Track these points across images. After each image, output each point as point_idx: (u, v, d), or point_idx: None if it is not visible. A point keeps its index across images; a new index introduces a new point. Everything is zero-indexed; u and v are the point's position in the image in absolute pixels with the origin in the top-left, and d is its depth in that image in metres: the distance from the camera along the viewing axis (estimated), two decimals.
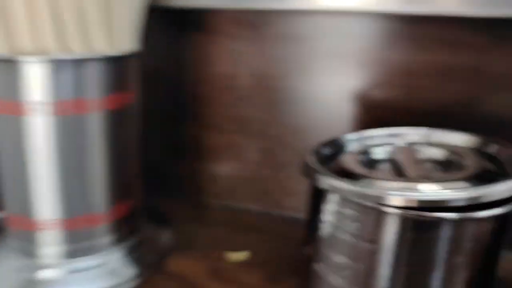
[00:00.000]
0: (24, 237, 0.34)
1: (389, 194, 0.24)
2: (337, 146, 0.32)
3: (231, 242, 0.41)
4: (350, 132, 0.34)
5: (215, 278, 0.36)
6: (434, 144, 0.32)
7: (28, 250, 0.34)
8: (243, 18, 0.41)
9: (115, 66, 0.32)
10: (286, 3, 0.37)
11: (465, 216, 0.24)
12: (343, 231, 0.27)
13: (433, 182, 0.26)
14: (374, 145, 0.33)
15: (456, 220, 0.24)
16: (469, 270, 0.26)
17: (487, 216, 0.24)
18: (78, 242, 0.34)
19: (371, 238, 0.26)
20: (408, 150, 0.31)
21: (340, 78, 0.40)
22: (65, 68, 0.30)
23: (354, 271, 0.27)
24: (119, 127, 0.34)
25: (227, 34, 0.41)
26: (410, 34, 0.37)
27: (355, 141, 0.33)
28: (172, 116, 0.46)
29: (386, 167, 0.31)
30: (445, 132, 0.33)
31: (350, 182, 0.26)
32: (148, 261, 0.37)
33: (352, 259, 0.27)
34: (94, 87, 0.31)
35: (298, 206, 0.40)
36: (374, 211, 0.25)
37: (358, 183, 0.26)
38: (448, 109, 0.37)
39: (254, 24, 0.41)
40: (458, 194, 0.24)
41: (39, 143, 0.31)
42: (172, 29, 0.43)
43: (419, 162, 0.30)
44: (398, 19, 0.37)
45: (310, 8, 0.38)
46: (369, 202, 0.25)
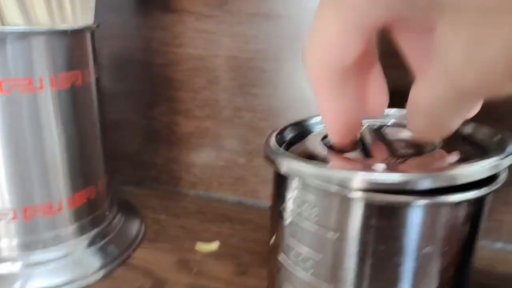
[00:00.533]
0: None
1: (351, 176, 0.22)
2: (302, 128, 0.30)
3: (203, 232, 0.39)
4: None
5: (183, 270, 0.34)
6: (405, 125, 0.29)
7: None
8: None
9: (66, 41, 0.30)
10: None
11: (436, 201, 0.22)
12: (305, 219, 0.24)
13: (402, 164, 0.23)
14: None
15: (427, 204, 0.22)
16: (442, 260, 0.23)
17: (460, 200, 0.22)
18: (36, 233, 0.32)
19: (334, 226, 0.23)
20: (376, 132, 0.29)
21: None
22: (9, 42, 0.28)
23: (317, 262, 0.24)
24: (74, 107, 0.32)
25: (195, 13, 0.39)
26: None
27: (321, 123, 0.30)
28: (143, 100, 0.44)
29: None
30: None
31: (310, 164, 0.24)
32: (113, 252, 0.35)
33: (315, 249, 0.25)
34: (42, 64, 0.29)
35: None
36: (335, 196, 0.23)
37: (319, 165, 0.24)
38: None
39: (223, 1, 0.38)
40: (426, 175, 0.21)
41: None
42: (140, 8, 0.40)
43: (388, 144, 0.27)
44: None
45: None
46: (330, 185, 0.22)
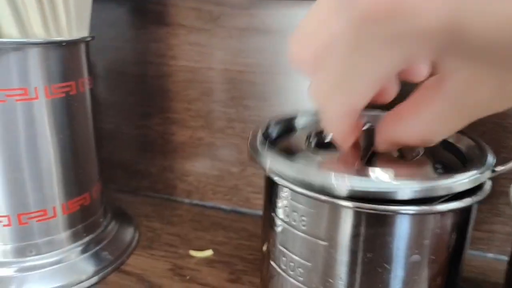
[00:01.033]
0: None
1: (336, 184, 0.22)
2: (287, 126, 0.30)
3: (196, 240, 0.39)
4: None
5: (176, 278, 0.34)
6: None
7: None
8: (204, 9, 0.39)
9: (60, 52, 0.31)
10: None
11: (421, 210, 0.22)
12: (295, 228, 0.25)
13: (387, 172, 0.23)
14: None
15: (413, 214, 0.22)
16: (429, 268, 0.23)
17: (445, 210, 0.22)
18: (30, 239, 0.32)
19: (322, 235, 0.24)
20: (364, 134, 0.28)
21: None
22: (5, 53, 0.28)
23: (308, 270, 0.25)
24: (68, 116, 0.32)
25: (188, 27, 0.40)
26: None
27: (308, 120, 0.30)
28: (138, 110, 0.45)
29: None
30: None
31: (292, 167, 0.23)
32: (107, 259, 0.35)
33: (305, 257, 0.25)
34: (38, 74, 0.30)
35: None
36: (324, 205, 0.23)
37: (303, 170, 0.23)
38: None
39: (215, 16, 0.39)
40: (413, 185, 0.22)
41: None
42: (134, 21, 0.41)
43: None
44: None
45: None
46: (318, 195, 0.23)
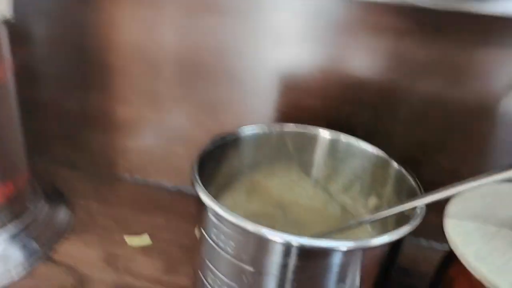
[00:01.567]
0: None
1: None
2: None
3: (134, 223, 0.37)
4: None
5: (108, 268, 0.33)
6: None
7: None
8: None
9: None
10: None
11: (353, 245, 0.21)
12: (222, 250, 0.23)
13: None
14: None
15: (342, 250, 0.21)
16: None
17: (377, 245, 0.21)
18: None
19: (250, 261, 0.22)
20: None
21: (265, 57, 0.35)
22: None
23: None
24: None
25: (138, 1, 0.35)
26: (347, 19, 0.32)
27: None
28: (78, 83, 0.40)
29: None
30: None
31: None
32: (34, 247, 0.34)
33: (231, 278, 0.24)
34: None
35: None
36: (251, 235, 0.21)
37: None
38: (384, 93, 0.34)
39: None
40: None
41: None
42: None
43: None
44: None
45: None
46: (245, 224, 0.21)
